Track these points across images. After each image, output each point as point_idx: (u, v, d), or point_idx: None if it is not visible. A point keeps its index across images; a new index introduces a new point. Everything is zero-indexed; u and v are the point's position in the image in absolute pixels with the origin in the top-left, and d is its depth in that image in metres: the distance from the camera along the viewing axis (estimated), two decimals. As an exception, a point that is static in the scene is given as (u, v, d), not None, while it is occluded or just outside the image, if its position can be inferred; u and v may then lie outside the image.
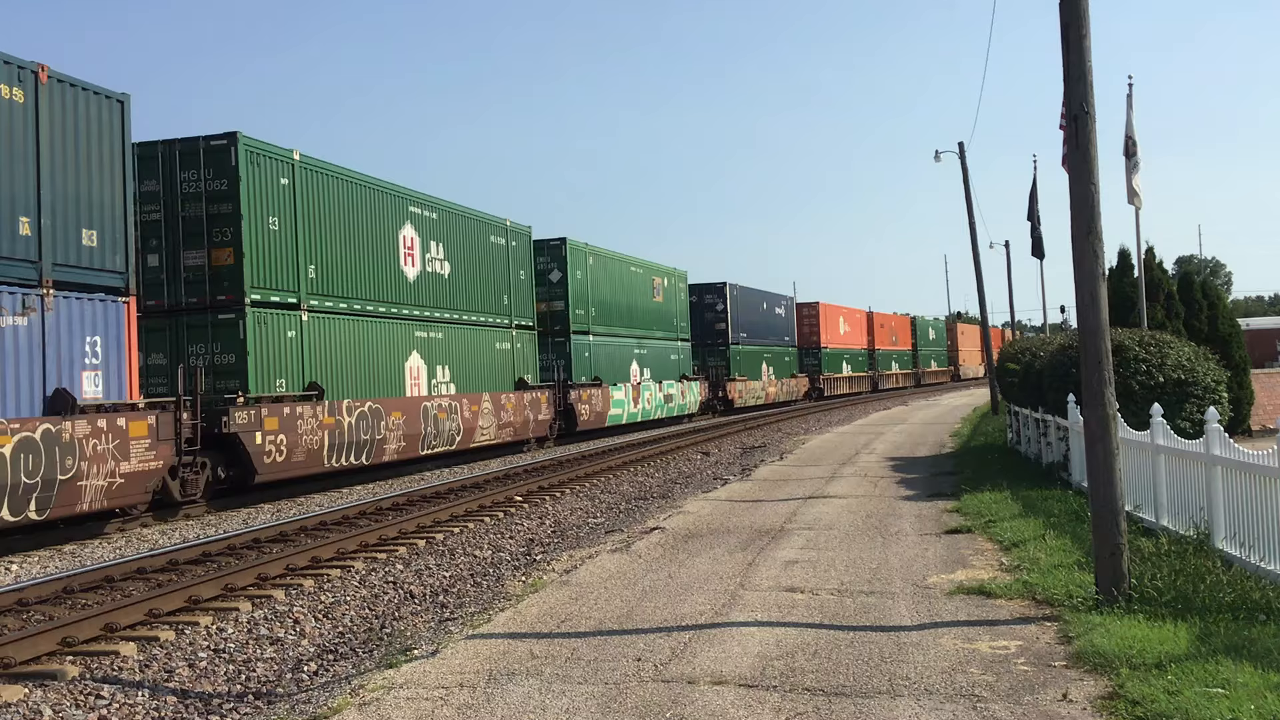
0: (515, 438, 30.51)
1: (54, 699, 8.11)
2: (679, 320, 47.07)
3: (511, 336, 31.34)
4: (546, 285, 35.62)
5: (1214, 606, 8.05)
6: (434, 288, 27.24)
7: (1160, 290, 24.68)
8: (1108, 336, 9.00)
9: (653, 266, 44.35)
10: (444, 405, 26.40)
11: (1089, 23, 8.97)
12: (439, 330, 27.11)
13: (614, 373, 38.80)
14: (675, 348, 46.24)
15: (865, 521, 14.19)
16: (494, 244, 30.84)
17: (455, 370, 27.69)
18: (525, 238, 33.14)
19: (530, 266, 33.32)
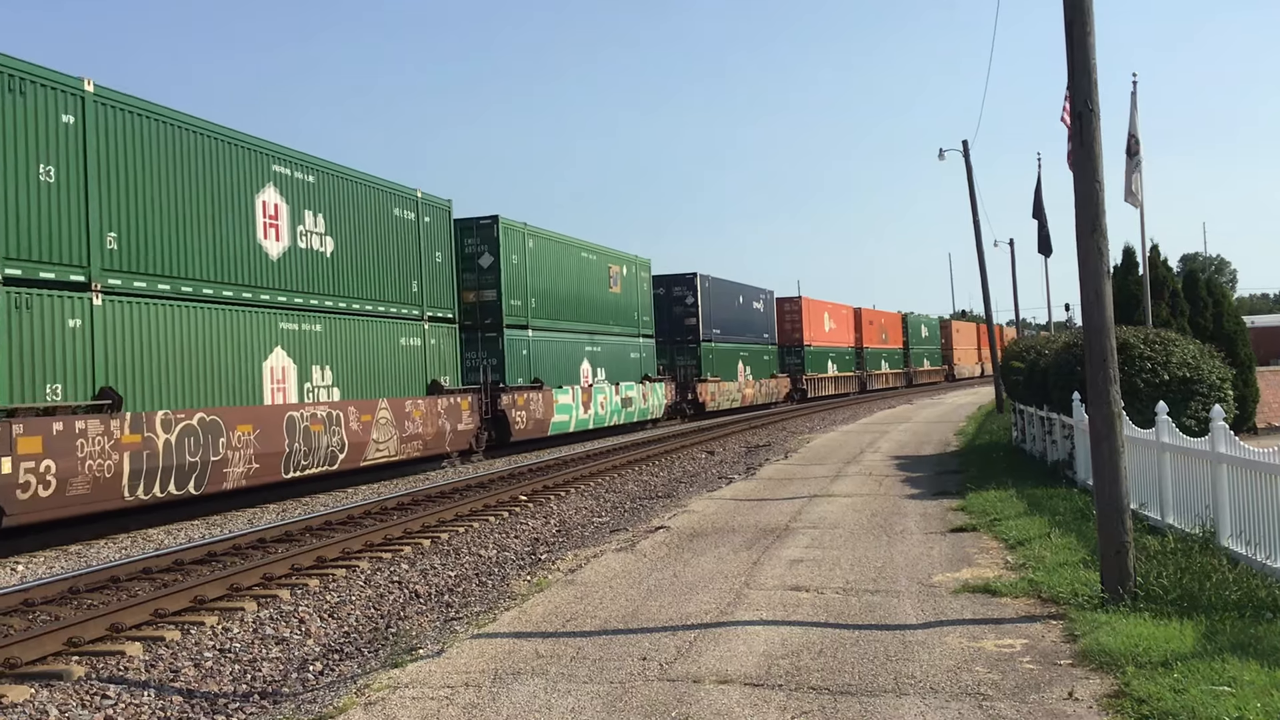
0: (426, 452, 25.71)
1: (60, 699, 8.12)
2: (641, 314, 42.11)
3: (423, 331, 26.25)
4: (475, 271, 30.73)
5: (1220, 605, 8.04)
6: (310, 269, 21.95)
7: (1165, 288, 24.66)
8: (1113, 334, 8.99)
9: (609, 253, 39.21)
10: (320, 415, 21.32)
11: (1093, 20, 8.95)
12: (316, 321, 21.94)
13: (560, 373, 33.90)
14: (636, 345, 41.35)
15: (870, 520, 14.18)
16: (400, 219, 25.72)
17: (340, 372, 22.65)
18: (443, 213, 28.12)
19: (451, 248, 28.39)
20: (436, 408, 26.12)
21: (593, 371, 36.69)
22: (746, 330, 55.06)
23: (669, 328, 47.57)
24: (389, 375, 24.65)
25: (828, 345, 67.68)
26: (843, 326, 71.88)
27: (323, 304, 22.41)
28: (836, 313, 70.73)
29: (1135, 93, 19.61)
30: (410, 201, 26.49)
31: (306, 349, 21.64)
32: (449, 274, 28.23)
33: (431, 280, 27.14)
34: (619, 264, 40.12)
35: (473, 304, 30.68)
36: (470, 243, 30.77)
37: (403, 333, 25.44)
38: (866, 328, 76.45)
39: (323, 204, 22.64)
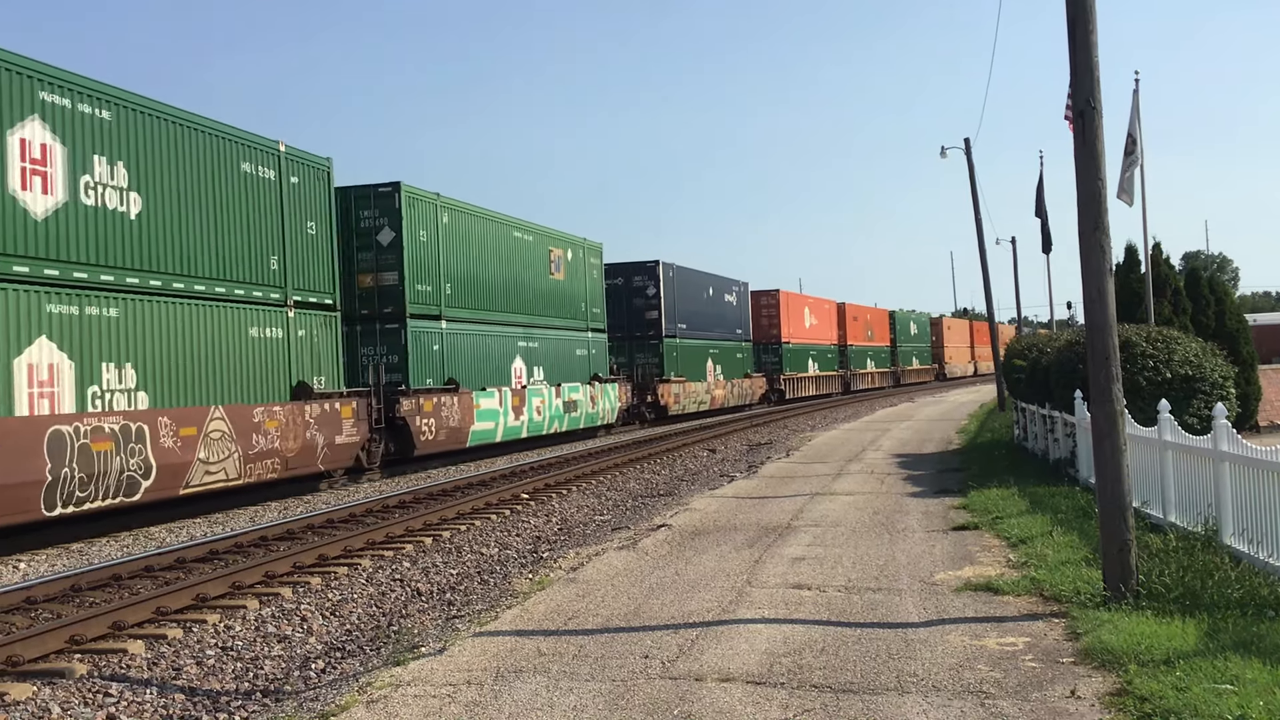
0: (288, 472, 20.24)
1: (62, 697, 8.13)
2: (590, 305, 37.22)
3: (286, 320, 20.99)
4: (372, 249, 25.69)
5: (1222, 603, 8.04)
6: (100, 234, 16.67)
7: (1167, 286, 24.64)
8: (1115, 332, 8.98)
9: (549, 234, 34.32)
10: (110, 430, 15.98)
11: (1095, 19, 8.94)
12: (110, 304, 16.71)
13: (484, 373, 29.06)
14: (584, 340, 36.37)
15: (872, 518, 14.18)
16: (253, 177, 20.32)
17: (149, 371, 17.37)
18: (320, 174, 22.61)
19: (331, 218, 22.95)
20: (303, 416, 20.58)
21: (528, 371, 31.74)
22: (717, 325, 50.44)
23: (627, 322, 42.96)
24: (230, 376, 19.29)
25: (808, 342, 63.61)
26: (825, 323, 67.99)
27: (122, 281, 16.98)
28: (818, 308, 67.02)
29: (1137, 91, 19.60)
30: (269, 156, 20.92)
31: (91, 340, 16.29)
32: (327, 250, 22.71)
33: (300, 257, 21.67)
34: (562, 247, 35.10)
35: (370, 289, 25.72)
36: (366, 215, 25.77)
37: (254, 321, 19.95)
38: (851, 324, 72.64)
39: (125, 149, 17.31)
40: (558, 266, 34.60)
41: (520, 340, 31.63)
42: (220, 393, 18.97)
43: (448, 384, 27.27)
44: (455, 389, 27.28)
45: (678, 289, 45.19)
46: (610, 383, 37.90)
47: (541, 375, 32.71)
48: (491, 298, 30.17)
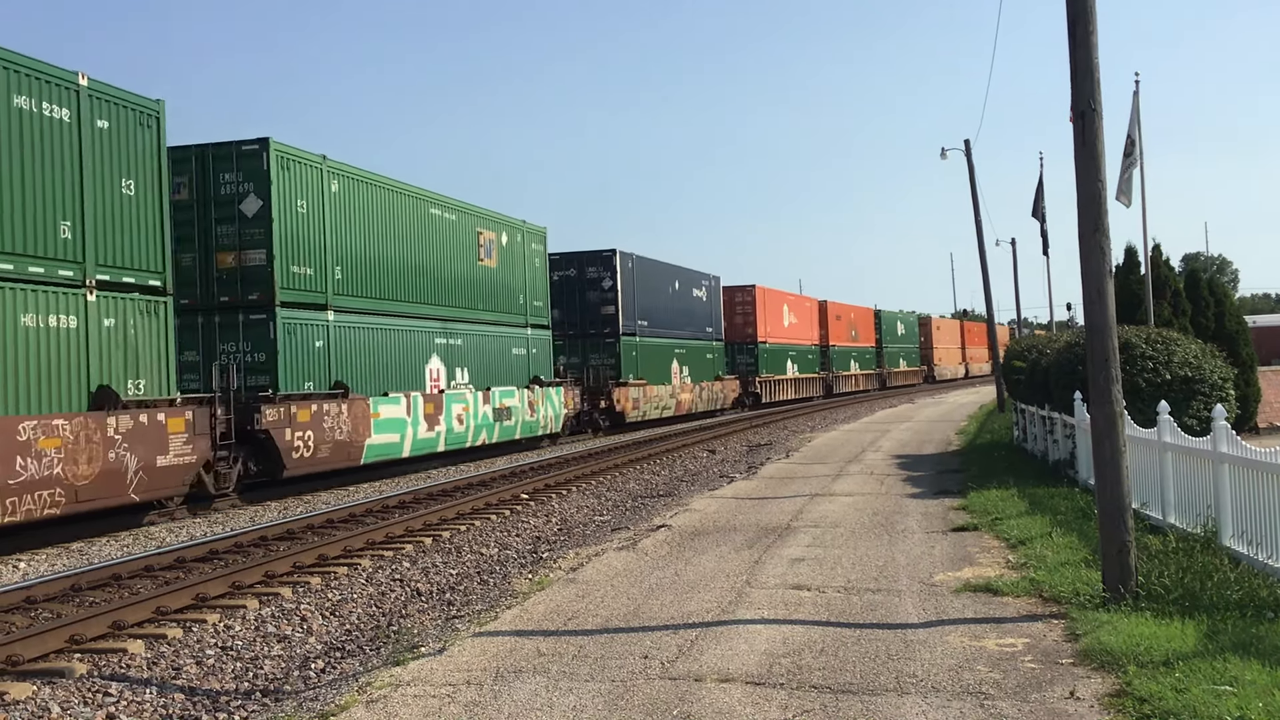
0: (78, 505, 15.34)
1: (62, 696, 8.13)
2: (531, 297, 32.64)
3: (85, 305, 16.06)
4: (235, 221, 20.98)
5: (1221, 604, 8.05)
6: None
7: (1167, 288, 24.65)
8: (1114, 334, 8.99)
9: (478, 213, 29.55)
10: None
11: (1095, 20, 8.95)
12: None
13: (386, 375, 24.19)
14: (522, 338, 31.79)
15: (872, 519, 14.19)
16: (29, 115, 15.34)
17: None
18: (146, 119, 17.58)
19: (157, 177, 17.75)
20: (104, 432, 15.78)
21: (448, 373, 27.01)
22: (684, 323, 45.78)
23: (580, 318, 38.70)
24: None
25: (787, 343, 59.09)
26: (805, 321, 63.45)
27: None
28: (798, 305, 62.70)
29: (1137, 92, 19.62)
30: (62, 91, 15.94)
31: None
32: (152, 217, 17.59)
33: (110, 224, 16.71)
34: (495, 229, 30.40)
35: (232, 270, 21.10)
36: (228, 179, 21.10)
37: (28, 306, 15.12)
38: (833, 324, 68.49)
39: None
40: (489, 251, 29.71)
41: (438, 336, 26.72)
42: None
43: (335, 388, 22.08)
44: (344, 395, 22.09)
45: (638, 281, 40.55)
46: (555, 386, 33.31)
47: (466, 378, 27.93)
48: (399, 285, 25.19)
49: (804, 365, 61.85)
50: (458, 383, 27.54)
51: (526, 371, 31.87)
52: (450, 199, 28.07)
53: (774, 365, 56.17)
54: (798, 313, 61.99)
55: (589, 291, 38.80)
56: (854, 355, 72.32)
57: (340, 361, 22.65)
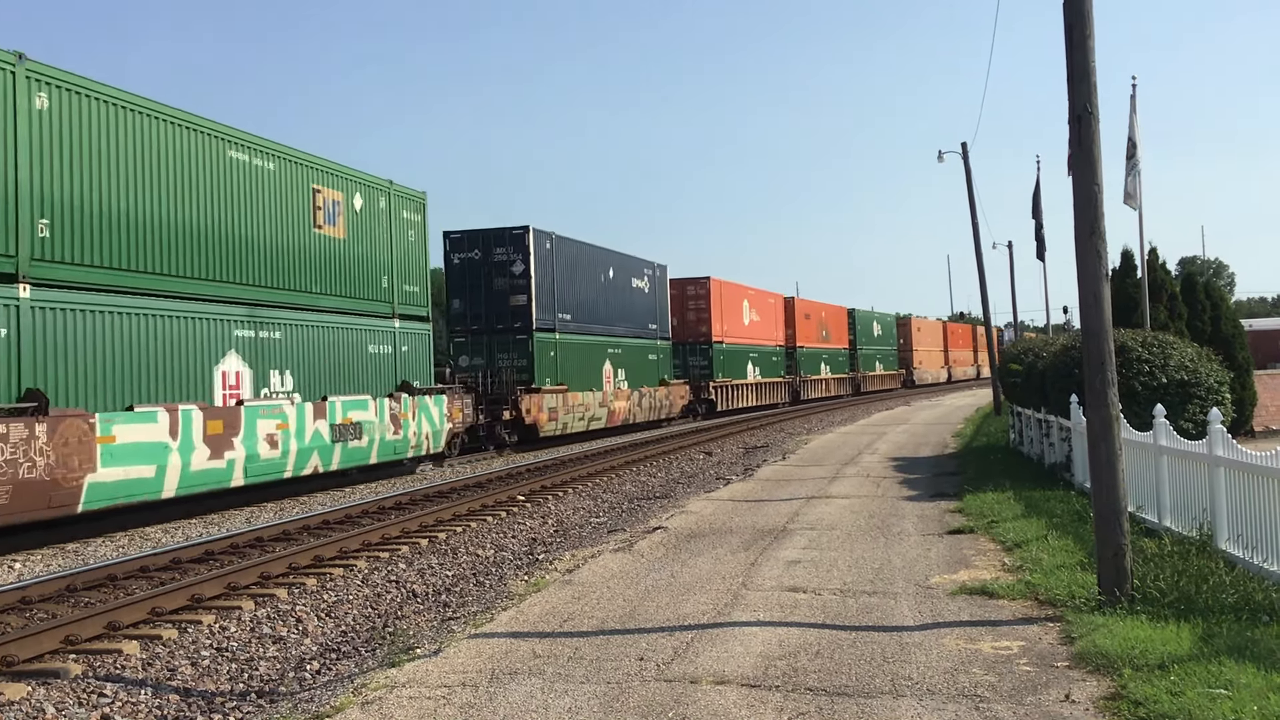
0: None
1: (57, 697, 8.12)
2: (401, 280, 25.68)
3: None
4: None
5: (1217, 607, 8.05)
6: None
7: (1163, 291, 24.69)
8: (1111, 337, 9.00)
9: (317, 165, 22.58)
10: None
11: (1093, 23, 8.97)
12: None
13: (137, 381, 17.26)
14: (387, 332, 24.83)
15: (868, 522, 14.19)
16: None
17: None
18: None
19: None
20: None
21: (257, 377, 20.16)
22: (621, 318, 39.38)
23: (486, 310, 32.51)
24: None
25: (748, 343, 53.25)
26: (769, 320, 57.63)
27: None
28: (761, 301, 56.44)
29: (1134, 95, 19.65)
30: None
31: None
32: None
33: None
34: (342, 187, 23.45)
35: None
36: None
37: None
38: (801, 323, 62.48)
39: None
40: (331, 216, 22.92)
41: (239, 328, 19.76)
42: None
43: (25, 400, 15.08)
44: (37, 410, 15.03)
45: (558, 268, 34.17)
46: (433, 394, 26.29)
47: (287, 384, 21.10)
48: (168, 253, 18.29)
49: (767, 369, 56.23)
50: (274, 391, 20.55)
51: (392, 376, 24.93)
52: (269, 141, 21.06)
53: (732, 368, 50.63)
54: (760, 309, 56.12)
55: (496, 278, 32.41)
56: (824, 357, 67.00)
57: (42, 360, 15.52)
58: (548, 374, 33.08)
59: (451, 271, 32.69)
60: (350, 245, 23.79)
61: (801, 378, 61.81)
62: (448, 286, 32.98)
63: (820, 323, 66.97)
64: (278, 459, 20.09)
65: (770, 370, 56.71)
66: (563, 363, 34.20)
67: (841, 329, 71.62)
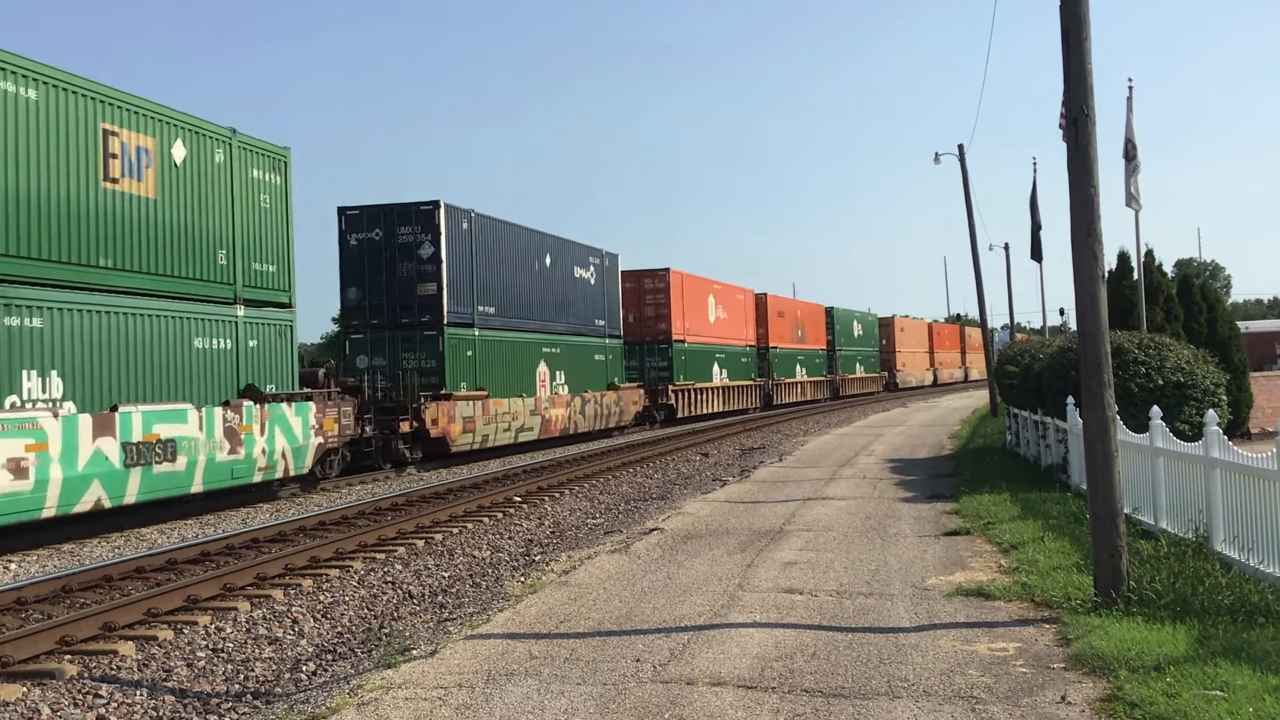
0: None
1: (52, 698, 8.11)
2: (250, 258, 20.67)
3: None
4: None
5: (1213, 609, 8.06)
6: None
7: (1160, 293, 24.72)
8: (1107, 339, 9.01)
9: (112, 99, 17.43)
10: None
11: (1089, 25, 8.98)
12: None
13: None
14: (225, 323, 19.79)
15: (864, 523, 14.20)
16: None
17: None
18: None
19: None
20: None
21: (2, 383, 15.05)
22: (560, 313, 34.58)
23: (388, 301, 27.61)
24: None
25: (714, 342, 49.09)
26: (738, 317, 53.09)
27: None
28: (728, 297, 51.88)
29: (1131, 97, 19.67)
30: None
31: None
32: None
33: None
34: (153, 131, 18.32)
35: None
36: None
37: None
38: (775, 321, 57.89)
39: None
40: (135, 169, 17.83)
41: (8, 316, 15.24)
42: None
43: None
44: None
45: (479, 252, 29.30)
46: (298, 401, 21.40)
47: (56, 389, 15.90)
48: None
49: (735, 371, 51.82)
50: (30, 399, 15.44)
51: (232, 378, 19.84)
52: (31, 63, 15.90)
53: (696, 371, 46.45)
54: (728, 306, 51.54)
55: (401, 263, 27.47)
56: (800, 359, 62.15)
57: None
58: (463, 377, 28.01)
59: (347, 255, 27.68)
60: (165, 207, 18.47)
61: (774, 380, 57.17)
62: (342, 272, 27.90)
63: (795, 321, 62.49)
64: (27, 493, 14.74)
65: (739, 373, 52.50)
66: (483, 364, 28.98)
67: (819, 328, 67.57)
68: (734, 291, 53.14)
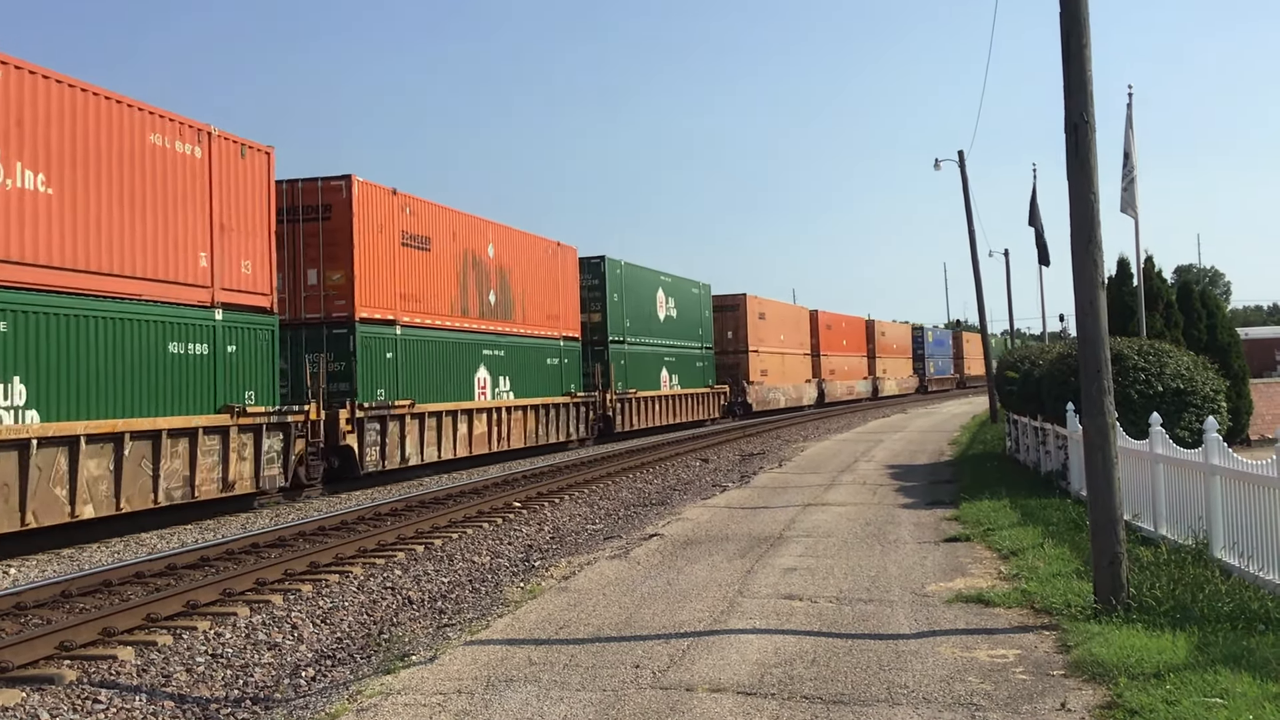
0: None
1: (51, 703, 8.10)
2: None
3: None
4: None
5: (1212, 616, 8.06)
6: None
7: (1159, 299, 24.72)
8: (1107, 345, 9.02)
9: None
10: None
11: (1089, 32, 8.99)
12: None
13: None
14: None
15: (864, 529, 14.19)
16: None
17: None
18: None
19: None
20: None
21: None
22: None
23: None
24: None
25: None
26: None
27: None
28: None
29: (1130, 105, 19.70)
30: None
31: None
32: None
33: None
34: None
35: None
36: None
37: None
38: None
39: None
40: None
41: None
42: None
43: None
44: None
45: None
46: None
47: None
48: None
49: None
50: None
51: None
52: None
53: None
54: None
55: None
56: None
57: None
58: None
59: None
60: None
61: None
62: None
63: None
64: None
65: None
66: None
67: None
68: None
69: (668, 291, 43.76)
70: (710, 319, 49.48)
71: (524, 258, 32.21)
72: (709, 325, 49.24)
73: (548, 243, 34.21)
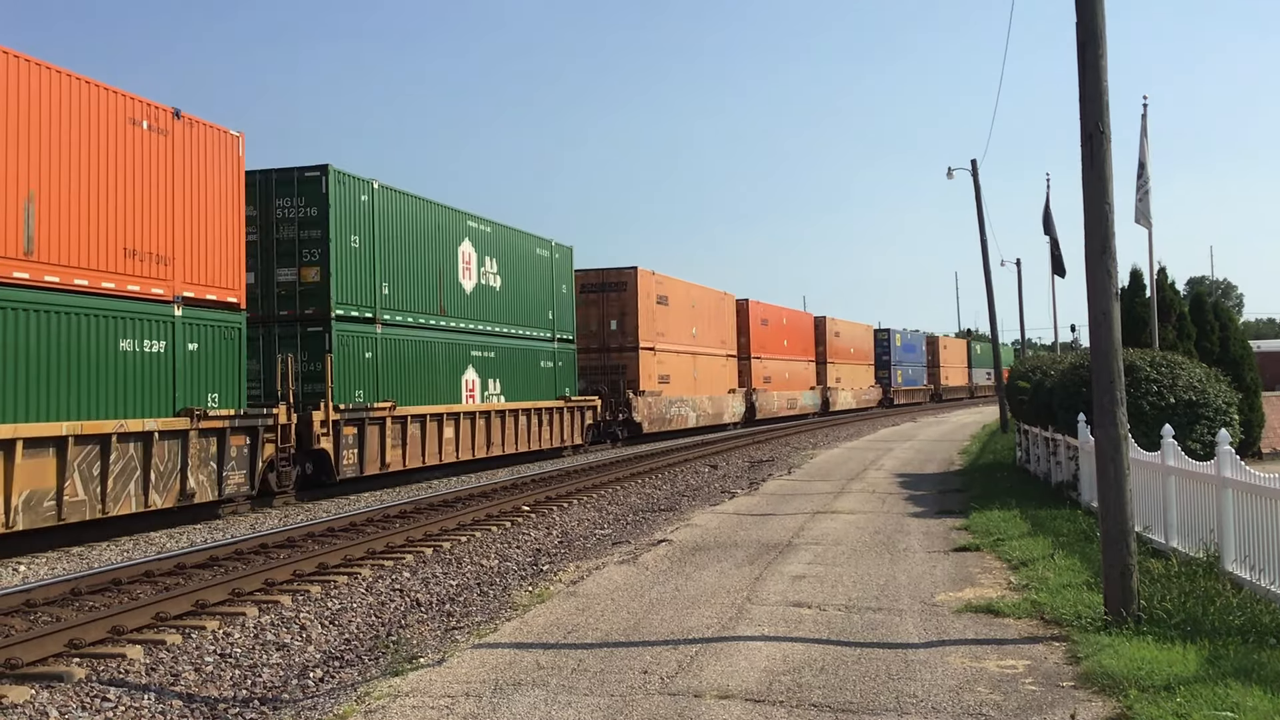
0: None
1: (60, 700, 8.12)
2: None
3: None
4: None
5: (1224, 629, 8.03)
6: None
7: (1172, 311, 24.68)
8: (1120, 356, 8.99)
9: None
10: None
11: (1105, 42, 8.98)
12: None
13: None
14: None
15: (873, 538, 14.16)
16: None
17: None
18: None
19: None
20: None
21: None
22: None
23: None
24: None
25: None
26: None
27: None
28: None
29: (1145, 116, 19.67)
30: None
31: None
32: None
33: None
34: None
35: None
36: None
37: None
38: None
39: None
40: None
41: None
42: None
43: None
44: None
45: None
46: None
47: None
48: None
49: None
50: None
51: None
52: None
53: None
54: None
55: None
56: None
57: None
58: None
59: None
60: None
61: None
62: None
63: None
64: None
65: None
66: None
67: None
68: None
69: (483, 247, 28.92)
70: (571, 299, 35.21)
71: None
72: (569, 307, 34.92)
73: None
